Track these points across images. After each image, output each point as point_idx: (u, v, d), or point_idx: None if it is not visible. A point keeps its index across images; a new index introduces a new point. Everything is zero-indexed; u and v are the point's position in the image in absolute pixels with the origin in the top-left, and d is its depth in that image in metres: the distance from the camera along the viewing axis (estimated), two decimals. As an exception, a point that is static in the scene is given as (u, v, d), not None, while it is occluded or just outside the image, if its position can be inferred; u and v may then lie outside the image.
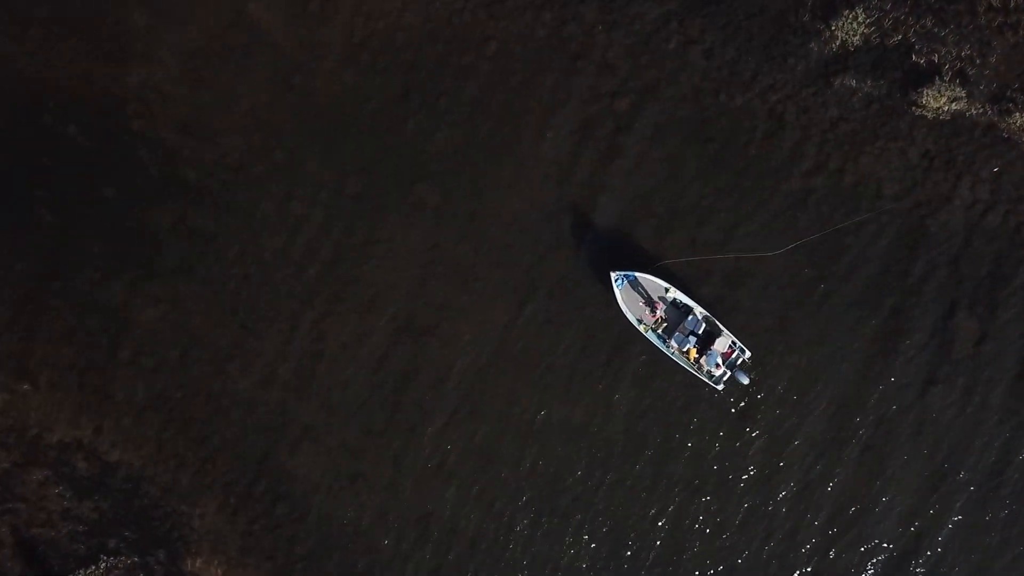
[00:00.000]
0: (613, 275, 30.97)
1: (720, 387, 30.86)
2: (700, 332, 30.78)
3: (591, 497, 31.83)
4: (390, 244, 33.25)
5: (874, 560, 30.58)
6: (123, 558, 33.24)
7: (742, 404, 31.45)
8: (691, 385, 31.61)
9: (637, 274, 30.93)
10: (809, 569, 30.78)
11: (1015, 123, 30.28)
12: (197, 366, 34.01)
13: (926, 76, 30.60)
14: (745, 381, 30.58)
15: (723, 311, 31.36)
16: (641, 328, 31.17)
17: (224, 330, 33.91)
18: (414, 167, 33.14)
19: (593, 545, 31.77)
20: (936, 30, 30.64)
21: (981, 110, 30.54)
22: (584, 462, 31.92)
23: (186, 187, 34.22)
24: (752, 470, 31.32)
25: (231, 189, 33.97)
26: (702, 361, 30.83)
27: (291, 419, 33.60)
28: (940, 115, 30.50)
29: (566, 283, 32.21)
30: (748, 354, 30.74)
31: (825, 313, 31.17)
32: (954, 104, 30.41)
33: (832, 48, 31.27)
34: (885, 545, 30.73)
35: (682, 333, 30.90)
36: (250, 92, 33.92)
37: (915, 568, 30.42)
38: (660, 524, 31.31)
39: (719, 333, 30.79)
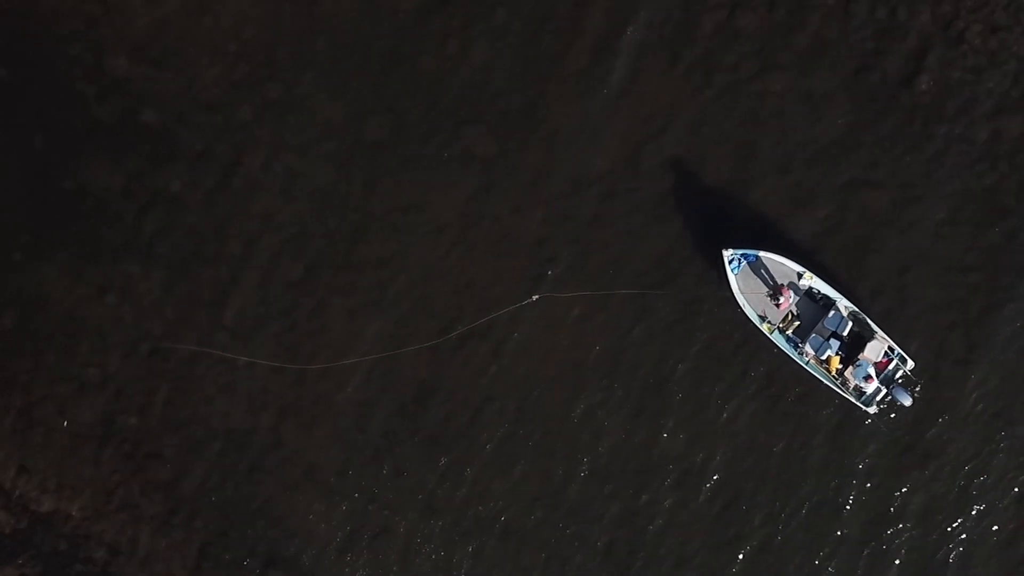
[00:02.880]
0: (727, 254, 29.04)
1: (872, 409, 29.19)
2: (845, 334, 29.14)
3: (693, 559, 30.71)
4: (424, 211, 31.62)
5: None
6: (58, 644, 32.35)
7: (903, 433, 29.98)
8: (832, 406, 30.14)
9: (760, 253, 29.04)
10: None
11: None
12: (160, 380, 32.35)
13: None
14: (907, 402, 28.85)
15: (878, 305, 29.83)
16: (764, 328, 29.41)
17: (195, 331, 32.27)
18: (459, 105, 31.51)
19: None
20: None
21: None
22: (690, 509, 30.72)
23: (143, 134, 32.51)
24: (917, 526, 30.03)
25: (205, 136, 32.15)
26: (848, 374, 29.09)
27: (290, 455, 32.22)
28: None
29: (664, 267, 30.83)
30: (911, 364, 29.00)
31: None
32: None
33: (1035, -61, 29.63)
34: None
35: (820, 335, 29.17)
36: (233, 1, 32.21)
37: None
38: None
39: (871, 336, 29.00)
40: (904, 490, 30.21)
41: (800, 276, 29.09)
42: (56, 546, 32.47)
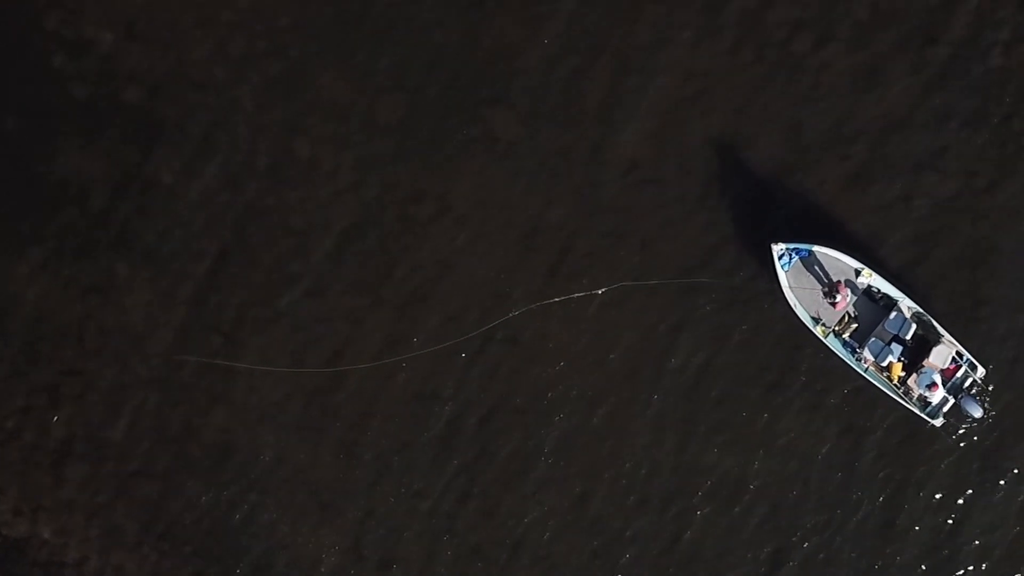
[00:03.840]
0: (776, 249, 28.54)
1: (938, 421, 28.59)
2: (908, 338, 28.62)
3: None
4: (442, 201, 31.17)
5: None
6: None
7: (974, 449, 29.28)
8: (893, 417, 29.48)
9: (814, 248, 28.60)
10: None
11: None
12: (147, 390, 31.96)
13: None
14: (977, 413, 28.38)
15: (945, 305, 29.43)
16: (818, 331, 28.82)
17: (187, 335, 31.86)
18: (482, 82, 31.15)
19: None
20: None
21: None
22: (725, 521, 30.03)
23: (129, 116, 32.26)
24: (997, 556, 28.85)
25: (199, 118, 31.93)
26: (911, 382, 28.54)
27: (291, 473, 31.81)
28: None
29: (709, 263, 30.28)
30: (982, 371, 28.43)
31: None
32: None
33: None
34: None
35: (881, 339, 28.64)
36: (230, -35, 32.55)
37: None
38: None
39: (937, 340, 28.51)
40: (969, 503, 29.16)
41: (858, 273, 28.41)
42: (29, 574, 32.08)
